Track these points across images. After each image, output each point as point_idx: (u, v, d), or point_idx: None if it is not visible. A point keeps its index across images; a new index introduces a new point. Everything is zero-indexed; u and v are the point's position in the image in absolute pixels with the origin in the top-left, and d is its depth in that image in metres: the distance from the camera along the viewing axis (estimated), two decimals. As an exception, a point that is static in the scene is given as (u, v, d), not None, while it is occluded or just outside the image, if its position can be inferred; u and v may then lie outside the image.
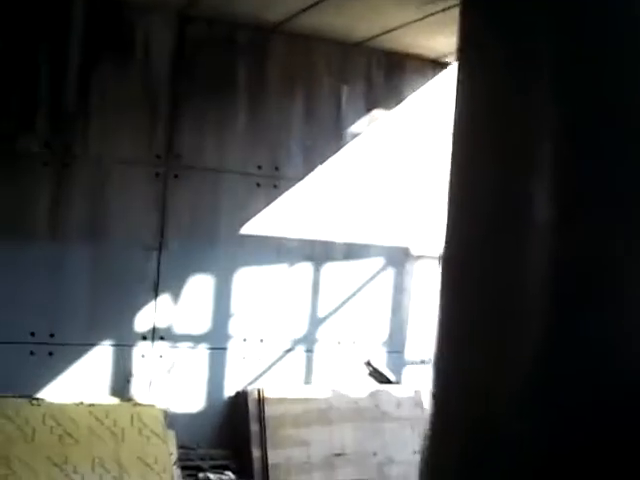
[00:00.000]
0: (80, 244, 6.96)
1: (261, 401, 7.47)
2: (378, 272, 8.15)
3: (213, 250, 7.45)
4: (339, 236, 7.93)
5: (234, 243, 7.51)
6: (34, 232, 6.83)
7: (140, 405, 7.10)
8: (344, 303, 8.03)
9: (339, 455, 7.58)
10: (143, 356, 7.24)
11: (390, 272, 8.20)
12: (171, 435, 7.07)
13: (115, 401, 7.05)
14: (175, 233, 7.29)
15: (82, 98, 6.96)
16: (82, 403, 6.84)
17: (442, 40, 7.13)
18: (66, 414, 6.73)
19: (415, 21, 6.69)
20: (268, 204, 7.62)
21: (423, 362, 8.36)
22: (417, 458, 7.99)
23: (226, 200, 7.49)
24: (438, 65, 8.09)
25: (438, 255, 3.08)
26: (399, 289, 8.26)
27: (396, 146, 8.13)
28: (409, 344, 8.35)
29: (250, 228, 7.57)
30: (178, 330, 7.35)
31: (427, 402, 7.85)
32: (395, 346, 8.28)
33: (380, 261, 8.14)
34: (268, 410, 7.44)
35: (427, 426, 2.77)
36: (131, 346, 7.21)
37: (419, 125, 8.21)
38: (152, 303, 7.24)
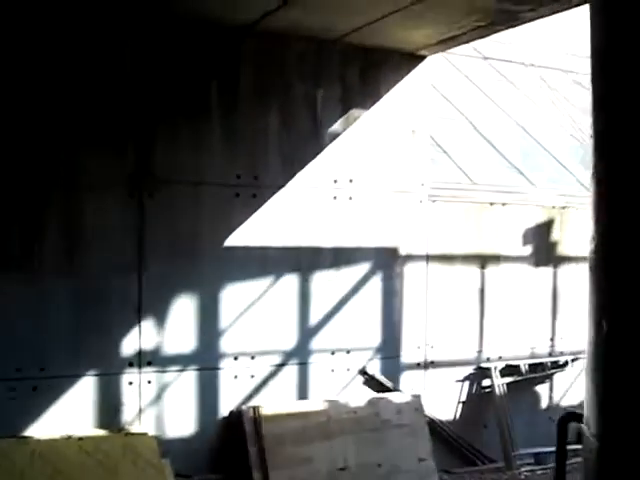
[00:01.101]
0: (59, 273, 6.59)
1: (257, 420, 7.17)
2: (367, 276, 7.89)
3: (196, 266, 7.12)
4: (325, 241, 7.66)
5: (217, 257, 7.19)
6: (9, 266, 6.47)
7: (132, 435, 6.77)
8: (335, 312, 7.75)
9: (343, 469, 7.30)
10: (131, 383, 6.90)
11: (379, 275, 7.94)
12: (166, 464, 6.74)
13: (105, 432, 6.72)
14: (155, 252, 6.95)
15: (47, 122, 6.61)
16: (71, 437, 6.50)
17: (418, 32, 6.89)
18: (55, 451, 6.38)
19: (391, 13, 6.41)
20: (250, 214, 7.32)
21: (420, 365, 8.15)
22: (423, 466, 7.67)
23: (205, 214, 7.17)
24: (414, 59, 7.85)
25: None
26: (389, 292, 8.01)
27: (375, 143, 7.88)
28: (404, 348, 8.10)
29: (233, 240, 7.26)
30: (166, 353, 7.02)
31: (426, 406, 7.63)
32: (390, 351, 8.03)
33: (368, 265, 7.88)
34: (265, 429, 7.15)
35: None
36: (118, 374, 6.86)
37: (397, 121, 7.97)
38: (136, 327, 6.90)
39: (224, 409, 7.25)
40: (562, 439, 5.37)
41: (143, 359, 6.93)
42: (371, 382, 7.93)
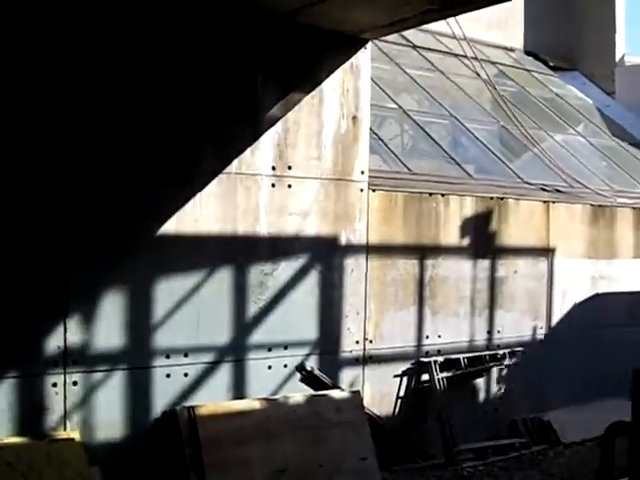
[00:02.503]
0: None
1: (193, 421, 6.72)
2: (306, 268, 7.53)
3: (126, 258, 6.61)
4: (263, 231, 7.26)
5: (149, 249, 6.70)
6: None
7: (57, 441, 6.23)
8: (272, 305, 7.36)
9: (283, 471, 6.92)
10: (55, 384, 6.34)
11: (319, 267, 7.60)
12: (95, 472, 6.25)
13: (28, 440, 6.14)
14: (81, 242, 6.42)
15: None
16: (-12, 447, 5.93)
17: (366, 14, 6.54)
18: (-30, 462, 5.82)
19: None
20: (183, 203, 6.85)
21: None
22: (364, 464, 7.39)
23: (135, 202, 6.66)
24: (356, 42, 7.52)
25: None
26: (328, 284, 7.67)
27: (315, 129, 7.52)
28: (343, 343, 7.78)
29: (166, 231, 6.77)
30: (94, 351, 6.48)
31: (366, 402, 7.34)
32: (328, 347, 7.70)
33: (307, 256, 7.52)
34: (202, 430, 6.70)
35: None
36: (40, 375, 6.29)
37: (338, 106, 7.62)
38: (61, 324, 6.35)
39: (157, 410, 6.77)
40: (609, 452, 5.15)
41: (68, 358, 6.39)
42: (310, 379, 7.58)
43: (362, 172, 7.78)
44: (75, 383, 6.43)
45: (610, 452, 5.17)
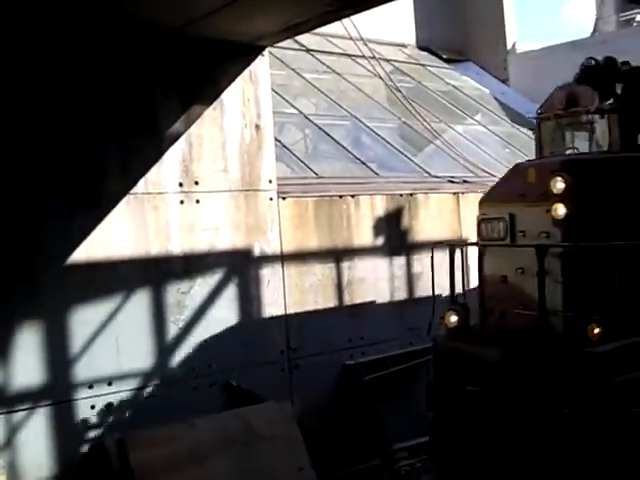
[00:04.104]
0: None
1: (123, 452, 6.53)
2: (222, 282, 7.42)
3: (36, 288, 6.37)
4: (175, 249, 7.11)
5: (60, 277, 6.48)
6: None
7: (-19, 488, 5.99)
8: (191, 324, 7.23)
9: (221, 492, 6.80)
10: (-26, 431, 6.10)
11: (235, 280, 7.49)
12: (25, 515, 6.03)
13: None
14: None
15: None
16: None
17: (262, 20, 6.47)
18: None
19: (229, 4, 5.94)
20: (91, 227, 6.65)
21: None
22: (303, 475, 7.26)
23: (41, 229, 6.41)
24: (253, 50, 7.45)
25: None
26: (247, 297, 7.58)
27: (219, 141, 7.41)
28: (267, 355, 7.69)
29: (76, 257, 6.55)
30: (12, 391, 6.23)
31: (297, 412, 7.25)
32: (253, 360, 7.59)
33: (222, 270, 7.41)
34: (133, 460, 6.51)
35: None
36: (-43, 422, 6.04)
37: (240, 116, 7.54)
38: (-27, 366, 6.10)
39: (85, 444, 6.56)
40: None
41: (-15, 401, 6.15)
42: (238, 395, 7.46)
43: (270, 181, 7.72)
44: (-5, 426, 6.19)
45: None
